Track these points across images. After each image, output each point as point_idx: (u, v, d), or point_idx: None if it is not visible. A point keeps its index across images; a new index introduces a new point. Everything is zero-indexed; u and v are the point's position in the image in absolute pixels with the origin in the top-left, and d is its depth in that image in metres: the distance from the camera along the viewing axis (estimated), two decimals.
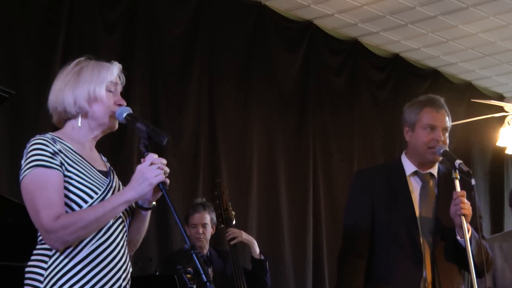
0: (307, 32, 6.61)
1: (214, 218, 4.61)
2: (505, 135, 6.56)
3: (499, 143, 6.69)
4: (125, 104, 2.37)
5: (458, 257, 3.07)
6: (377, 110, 7.17)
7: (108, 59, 2.45)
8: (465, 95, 8.05)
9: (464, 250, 2.95)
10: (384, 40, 7.09)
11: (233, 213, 4.55)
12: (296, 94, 6.54)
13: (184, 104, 5.68)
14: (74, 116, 2.33)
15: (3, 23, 4.73)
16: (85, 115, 2.33)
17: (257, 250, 4.56)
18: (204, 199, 4.77)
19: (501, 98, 8.54)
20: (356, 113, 7.02)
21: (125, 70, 2.47)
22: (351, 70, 7.01)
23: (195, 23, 5.80)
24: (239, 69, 6.15)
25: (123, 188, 2.31)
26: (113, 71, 2.37)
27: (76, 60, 2.39)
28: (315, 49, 6.69)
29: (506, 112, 6.46)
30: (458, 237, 2.99)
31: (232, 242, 4.43)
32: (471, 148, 8.22)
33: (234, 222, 4.54)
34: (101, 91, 2.32)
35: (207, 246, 4.57)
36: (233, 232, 4.46)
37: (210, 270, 4.48)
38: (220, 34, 5.97)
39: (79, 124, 2.32)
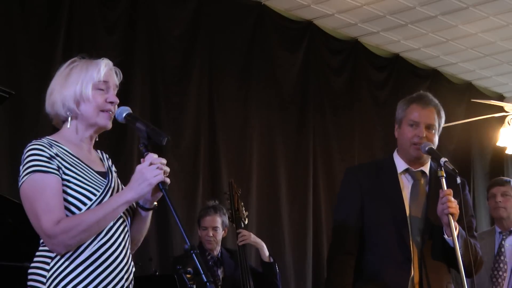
0: (307, 32, 6.61)
1: (226, 221, 4.60)
2: (505, 135, 6.55)
3: (499, 143, 6.69)
4: (118, 101, 2.35)
5: (446, 256, 3.05)
6: (377, 110, 7.17)
7: (108, 59, 2.43)
8: (465, 95, 8.05)
9: (451, 249, 2.93)
10: (384, 40, 7.09)
11: (246, 213, 4.54)
12: (296, 94, 6.53)
13: (184, 104, 5.68)
14: (66, 118, 2.33)
15: (3, 23, 4.73)
16: (75, 116, 2.32)
17: (266, 253, 4.55)
18: (216, 202, 4.75)
19: (501, 98, 8.54)
20: (356, 113, 7.02)
21: (123, 66, 2.45)
22: (351, 70, 7.01)
23: (195, 23, 5.80)
24: (239, 69, 6.15)
25: (122, 187, 2.31)
26: (101, 69, 2.33)
27: (69, 61, 2.38)
28: (315, 49, 6.69)
29: (506, 112, 6.45)
30: (445, 236, 2.97)
31: (240, 244, 4.41)
32: (471, 148, 8.22)
33: (246, 222, 4.53)
34: (88, 91, 2.29)
35: (218, 248, 4.56)
36: (242, 234, 4.45)
37: (220, 271, 4.49)
38: (220, 34, 5.97)
39: (68, 126, 2.31)
